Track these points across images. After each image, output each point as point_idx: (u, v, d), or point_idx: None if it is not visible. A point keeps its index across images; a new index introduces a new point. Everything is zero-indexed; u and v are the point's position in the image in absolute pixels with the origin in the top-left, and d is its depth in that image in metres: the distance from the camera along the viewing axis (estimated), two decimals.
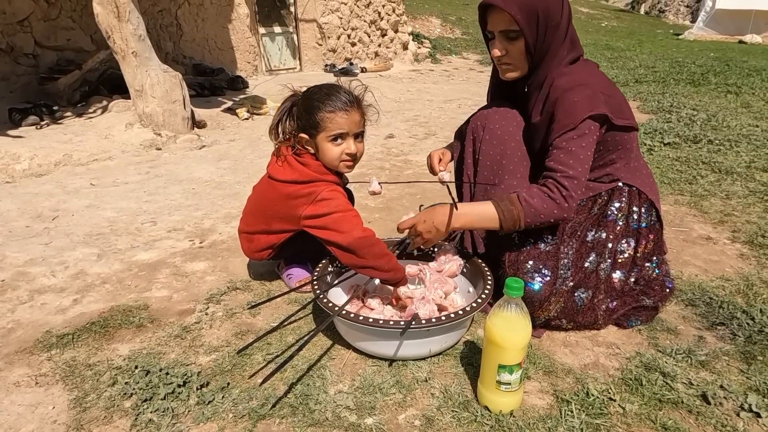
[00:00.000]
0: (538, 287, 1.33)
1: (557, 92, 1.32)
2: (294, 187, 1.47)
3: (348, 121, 1.44)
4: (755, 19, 14.10)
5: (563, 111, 1.30)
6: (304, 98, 1.48)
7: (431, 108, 4.96)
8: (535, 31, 1.32)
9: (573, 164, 1.29)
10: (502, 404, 1.12)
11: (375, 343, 1.29)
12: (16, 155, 3.03)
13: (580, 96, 1.29)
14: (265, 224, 1.57)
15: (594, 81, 1.33)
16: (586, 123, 1.28)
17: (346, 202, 1.48)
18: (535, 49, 1.35)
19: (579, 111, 1.28)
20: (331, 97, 1.43)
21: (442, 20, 11.40)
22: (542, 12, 1.30)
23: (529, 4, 1.29)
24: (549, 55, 1.36)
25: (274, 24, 6.77)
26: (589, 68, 1.40)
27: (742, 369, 1.28)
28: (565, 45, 1.36)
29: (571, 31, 1.38)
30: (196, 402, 1.17)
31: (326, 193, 1.45)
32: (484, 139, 1.49)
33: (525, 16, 1.30)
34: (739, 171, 2.81)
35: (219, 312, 1.56)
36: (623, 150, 1.41)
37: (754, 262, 1.84)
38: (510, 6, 1.29)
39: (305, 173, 1.47)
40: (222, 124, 4.19)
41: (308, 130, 1.46)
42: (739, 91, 5.47)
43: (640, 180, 1.45)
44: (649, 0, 24.33)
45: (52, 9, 4.40)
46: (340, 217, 1.42)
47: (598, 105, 1.29)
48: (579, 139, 1.29)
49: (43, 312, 1.57)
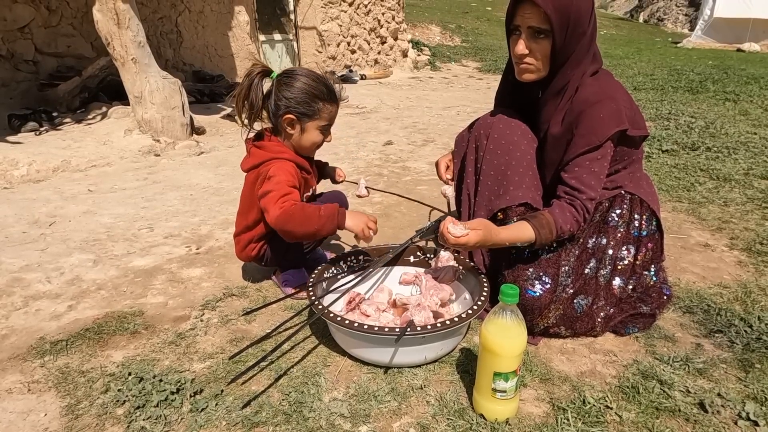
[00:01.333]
0: (538, 294, 1.32)
1: (583, 105, 1.29)
2: (255, 172, 1.54)
3: (335, 114, 1.57)
4: (753, 28, 14.16)
5: (588, 126, 1.28)
6: (297, 81, 1.48)
7: (430, 115, 4.97)
8: (564, 34, 1.28)
9: (595, 185, 1.31)
10: (497, 412, 1.11)
11: (370, 350, 1.28)
12: (15, 161, 3.03)
13: (606, 111, 1.27)
14: (245, 220, 1.62)
15: (618, 94, 1.32)
16: (609, 142, 1.29)
17: (285, 178, 1.46)
18: (560, 52, 1.31)
19: (605, 128, 1.27)
20: (326, 88, 1.51)
21: (441, 28, 11.46)
22: (574, 16, 1.27)
23: (564, 6, 1.26)
24: (571, 62, 1.32)
25: (274, 31, 6.80)
26: (612, 80, 1.38)
27: (740, 377, 1.27)
28: (588, 55, 1.34)
29: (594, 43, 1.36)
30: (190, 409, 1.16)
31: (272, 170, 1.48)
32: (488, 149, 1.47)
33: (558, 16, 1.26)
34: (737, 178, 2.81)
35: (214, 318, 1.55)
36: (630, 160, 1.41)
37: (752, 269, 1.84)
38: (546, 3, 1.25)
39: (262, 155, 1.53)
40: (221, 131, 4.20)
41: (299, 114, 1.49)
42: (737, 99, 5.48)
43: (642, 189, 1.45)
44: (647, 8, 24.47)
45: (52, 16, 4.42)
46: (269, 197, 1.44)
47: (622, 121, 1.28)
48: (602, 159, 1.30)
49: (37, 318, 1.56)
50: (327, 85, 1.51)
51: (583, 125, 1.29)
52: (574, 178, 1.31)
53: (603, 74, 1.38)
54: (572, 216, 1.30)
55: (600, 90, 1.30)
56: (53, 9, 4.41)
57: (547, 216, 1.29)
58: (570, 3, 1.26)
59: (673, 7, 22.86)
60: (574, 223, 1.31)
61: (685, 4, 22.39)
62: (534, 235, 1.27)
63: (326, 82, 1.52)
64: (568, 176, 1.32)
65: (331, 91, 1.52)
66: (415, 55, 8.88)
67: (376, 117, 4.89)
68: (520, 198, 1.41)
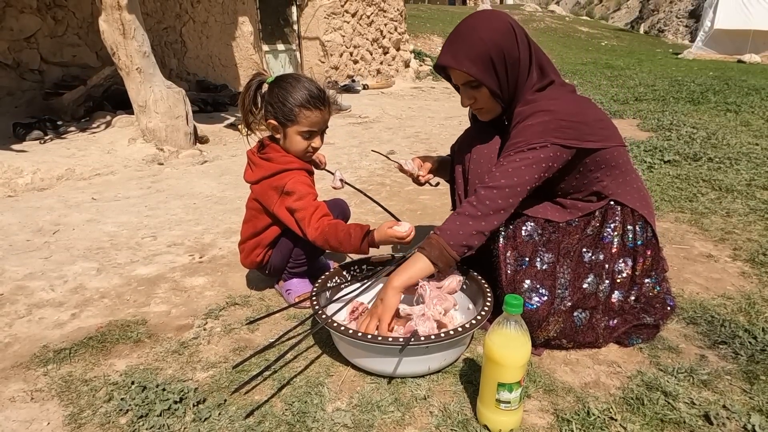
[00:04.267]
0: (536, 307, 1.32)
1: (517, 118, 1.35)
2: (265, 183, 1.54)
3: (320, 120, 1.52)
4: (754, 39, 14.23)
5: (515, 134, 1.33)
6: (278, 87, 1.49)
7: (432, 125, 4.99)
8: (495, 76, 1.34)
9: (497, 176, 1.31)
10: (501, 423, 1.11)
11: (374, 360, 1.28)
12: (19, 169, 3.05)
13: (535, 121, 1.31)
14: (253, 227, 1.62)
15: (558, 107, 1.32)
16: (538, 149, 1.29)
17: (307, 192, 1.50)
18: (501, 89, 1.37)
19: (529, 135, 1.30)
20: (308, 93, 1.47)
21: (443, 39, 11.54)
22: (496, 55, 1.31)
23: (480, 54, 1.31)
24: (519, 89, 1.38)
25: (278, 41, 6.85)
26: (556, 93, 1.39)
27: (745, 389, 1.26)
28: (532, 75, 1.37)
29: (537, 60, 1.38)
30: (192, 419, 1.16)
31: (289, 185, 1.50)
32: (472, 158, 1.50)
33: (479, 68, 1.32)
34: (740, 189, 2.81)
35: (217, 327, 1.55)
36: (608, 168, 1.40)
37: (755, 280, 1.83)
38: (461, 63, 1.32)
39: (270, 167, 1.53)
40: (224, 140, 4.22)
41: (280, 119, 1.50)
42: (738, 110, 5.50)
43: (630, 196, 1.43)
44: (648, 20, 24.63)
45: (58, 26, 4.46)
46: (301, 215, 1.48)
47: (553, 133, 1.29)
48: (515, 155, 1.31)
49: (40, 326, 1.57)
50: (310, 91, 1.47)
51: (513, 134, 1.34)
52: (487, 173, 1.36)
53: (551, 88, 1.40)
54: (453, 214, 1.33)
55: (537, 104, 1.34)
56: (59, 19, 4.46)
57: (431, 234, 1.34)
58: (485, 48, 1.31)
59: (674, 19, 23.00)
60: (457, 217, 1.32)
61: (686, 16, 22.53)
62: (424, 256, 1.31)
63: (310, 87, 1.48)
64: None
65: (313, 97, 1.47)
66: (417, 66, 8.94)
67: (379, 127, 4.91)
68: None
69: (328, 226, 1.45)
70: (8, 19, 4.15)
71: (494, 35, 1.31)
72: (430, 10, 19.17)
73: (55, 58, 4.48)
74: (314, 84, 1.50)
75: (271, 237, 1.62)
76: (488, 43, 1.31)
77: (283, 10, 6.88)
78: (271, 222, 1.59)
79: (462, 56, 1.33)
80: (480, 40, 1.31)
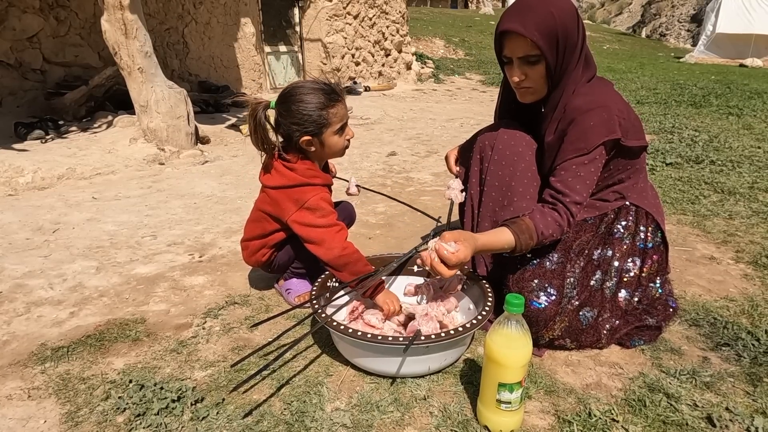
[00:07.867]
0: (543, 306, 1.31)
1: (574, 113, 1.30)
2: (283, 192, 1.51)
3: (344, 110, 1.51)
4: (755, 44, 14.25)
5: (578, 133, 1.28)
6: (291, 104, 1.45)
7: (434, 127, 4.99)
8: (555, 54, 1.29)
9: (580, 190, 1.29)
10: (502, 424, 1.10)
11: (375, 360, 1.27)
12: (20, 168, 3.04)
13: (597, 120, 1.27)
14: (261, 229, 1.61)
15: (612, 103, 1.31)
16: (599, 149, 1.28)
17: (330, 210, 1.50)
18: (556, 70, 1.32)
19: (594, 136, 1.27)
20: (322, 93, 1.45)
21: (445, 41, 11.55)
22: (561, 33, 1.27)
23: (549, 27, 1.26)
24: (566, 76, 1.33)
25: (280, 43, 6.86)
26: (606, 87, 1.37)
27: (748, 391, 1.25)
28: (581, 64, 1.34)
29: (585, 50, 1.36)
30: (190, 418, 1.15)
31: (312, 202, 1.48)
32: (492, 159, 1.47)
33: (546, 40, 1.27)
34: (742, 191, 2.80)
35: (216, 327, 1.54)
36: (632, 170, 1.40)
37: (758, 282, 1.82)
38: (531, 32, 1.26)
39: (293, 178, 1.51)
40: (225, 140, 4.22)
41: (312, 131, 1.46)
42: (740, 113, 5.49)
43: (647, 201, 1.44)
44: (650, 24, 24.65)
45: (61, 26, 4.47)
46: (322, 232, 1.47)
47: (614, 130, 1.28)
48: (589, 164, 1.29)
49: (39, 324, 1.56)
50: (324, 90, 1.45)
51: (573, 132, 1.29)
52: (560, 181, 1.31)
53: (597, 81, 1.38)
54: (554, 221, 1.29)
55: (592, 98, 1.30)
56: (62, 19, 4.46)
57: (527, 221, 1.29)
58: (554, 23, 1.27)
59: (676, 23, 23.02)
60: (556, 228, 1.29)
61: (688, 20, 22.55)
62: (513, 240, 1.26)
63: (322, 87, 1.46)
64: (554, 180, 1.32)
65: (329, 93, 1.45)
66: (419, 68, 8.95)
67: (380, 128, 4.91)
68: (525, 209, 1.39)
69: (353, 254, 1.46)
70: (11, 19, 4.15)
71: (563, 14, 1.28)
72: (432, 13, 19.22)
73: (58, 58, 4.49)
74: (318, 82, 1.48)
75: (278, 239, 1.61)
76: (557, 19, 1.27)
77: (285, 12, 6.88)
78: (279, 228, 1.59)
79: (532, 26, 1.27)
80: (551, 15, 1.27)
